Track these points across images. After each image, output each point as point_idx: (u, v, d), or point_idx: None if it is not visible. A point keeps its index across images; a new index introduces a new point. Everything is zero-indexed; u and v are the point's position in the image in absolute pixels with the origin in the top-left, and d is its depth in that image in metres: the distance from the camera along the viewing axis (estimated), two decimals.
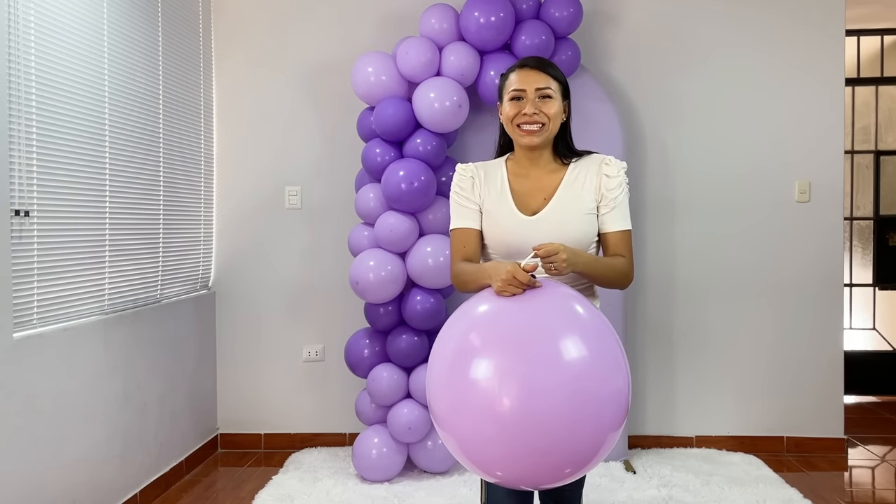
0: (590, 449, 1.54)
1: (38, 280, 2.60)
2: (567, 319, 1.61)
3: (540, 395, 1.50)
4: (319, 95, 4.08)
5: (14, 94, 2.46)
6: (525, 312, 1.62)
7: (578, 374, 1.53)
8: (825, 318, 4.00)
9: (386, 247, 3.49)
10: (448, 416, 1.62)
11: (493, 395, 1.52)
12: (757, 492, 3.36)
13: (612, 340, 1.64)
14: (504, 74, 2.07)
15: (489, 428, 1.53)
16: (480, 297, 1.74)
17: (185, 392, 3.74)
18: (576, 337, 1.57)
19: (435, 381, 1.68)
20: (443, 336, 1.72)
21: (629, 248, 1.96)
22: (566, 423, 1.50)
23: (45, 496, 2.62)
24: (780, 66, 3.98)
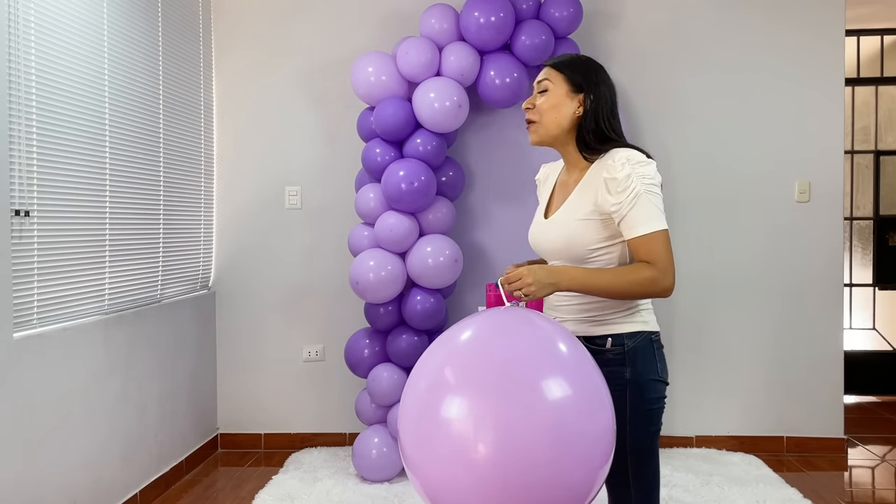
0: (582, 491, 1.43)
1: (38, 280, 2.59)
2: (547, 357, 1.48)
3: (520, 441, 1.35)
4: (319, 95, 4.08)
5: (14, 94, 2.46)
6: (503, 350, 1.48)
7: (561, 416, 1.39)
8: (825, 318, 4.00)
9: (386, 247, 3.49)
10: (417, 456, 1.47)
11: (467, 440, 1.37)
12: (757, 492, 3.36)
13: (594, 376, 1.52)
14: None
15: (462, 475, 1.37)
16: (461, 326, 1.59)
17: (185, 392, 3.75)
18: (557, 376, 1.44)
19: (405, 418, 1.52)
20: (418, 367, 1.57)
21: (655, 253, 1.69)
22: (552, 470, 1.36)
23: (45, 496, 2.62)
24: (780, 66, 3.98)
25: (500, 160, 3.85)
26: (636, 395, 1.78)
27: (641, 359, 1.78)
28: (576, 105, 1.87)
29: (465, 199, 3.86)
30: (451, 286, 3.68)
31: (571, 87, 1.87)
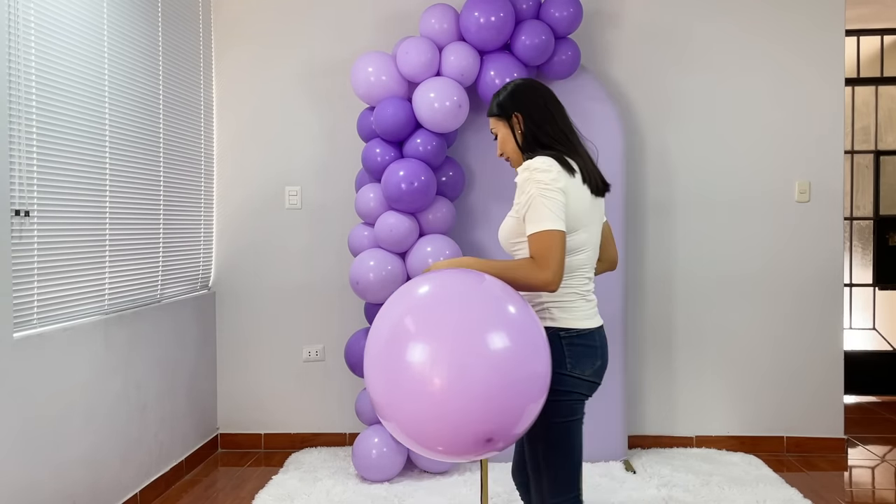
0: (516, 420, 1.73)
1: (38, 280, 2.60)
2: (495, 312, 1.78)
3: (469, 377, 1.67)
4: (319, 95, 4.08)
5: (14, 94, 2.46)
6: (457, 301, 1.79)
7: (502, 360, 1.70)
8: (825, 318, 4.00)
9: (386, 247, 3.49)
10: (387, 399, 1.76)
11: (427, 379, 1.68)
12: (757, 492, 3.36)
13: (533, 328, 1.79)
14: None
15: (425, 408, 1.68)
16: (419, 282, 1.87)
17: (185, 392, 3.75)
18: (501, 328, 1.73)
19: (373, 366, 1.79)
20: (380, 319, 1.83)
21: (537, 250, 1.85)
22: (494, 401, 1.68)
23: (45, 496, 2.62)
24: (781, 66, 3.98)
25: (499, 160, 3.83)
26: None
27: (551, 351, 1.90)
28: (516, 129, 2.08)
29: (465, 199, 3.87)
30: None
31: (506, 120, 2.09)
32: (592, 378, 2.00)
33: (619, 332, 3.82)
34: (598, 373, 2.02)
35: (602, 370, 2.03)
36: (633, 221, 4.02)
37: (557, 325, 1.96)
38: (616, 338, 3.83)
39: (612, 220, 3.81)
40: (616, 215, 3.82)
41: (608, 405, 3.82)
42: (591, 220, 2.00)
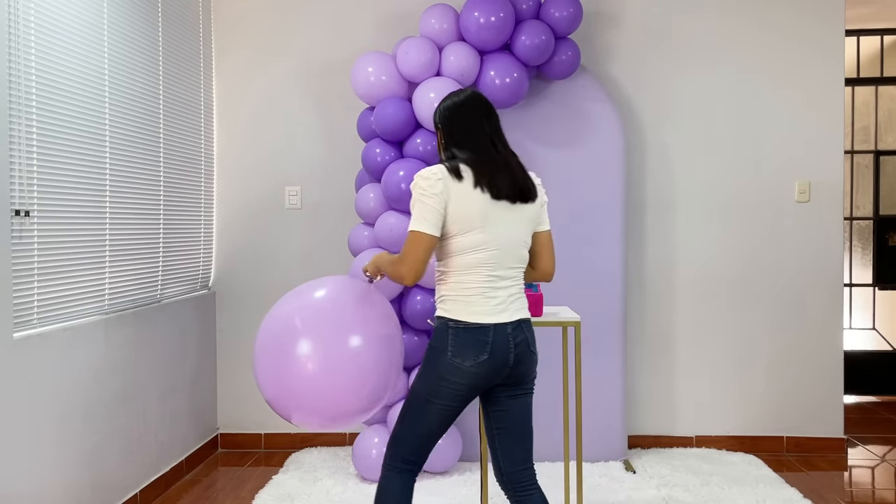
0: (362, 402, 2.32)
1: (38, 280, 2.59)
2: (356, 319, 2.33)
3: (331, 366, 2.26)
4: (319, 95, 4.08)
5: (14, 94, 2.46)
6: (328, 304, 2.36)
7: (356, 356, 2.27)
8: (825, 318, 4.00)
9: (386, 247, 3.49)
10: (264, 377, 2.31)
11: (305, 365, 2.24)
12: (757, 492, 3.36)
13: (384, 343, 2.35)
14: None
15: (300, 387, 2.26)
16: (314, 287, 2.42)
17: (185, 392, 3.75)
18: (357, 333, 2.30)
19: (260, 349, 2.32)
20: (274, 317, 2.34)
21: (402, 248, 2.14)
22: (348, 384, 2.28)
23: (45, 496, 2.62)
24: (780, 66, 3.98)
25: None
26: (423, 360, 2.21)
27: (435, 337, 2.18)
28: (439, 140, 2.31)
29: None
30: None
31: (436, 131, 2.34)
32: (475, 369, 2.13)
33: (619, 332, 3.82)
34: (484, 366, 2.13)
35: (492, 366, 2.14)
36: (633, 221, 4.02)
37: (448, 316, 2.16)
38: (616, 338, 3.83)
39: (612, 220, 3.81)
40: (616, 215, 3.82)
41: (608, 405, 3.82)
42: (488, 222, 2.12)
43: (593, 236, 3.83)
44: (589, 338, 3.78)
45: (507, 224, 2.15)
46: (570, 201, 3.84)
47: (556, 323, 2.83)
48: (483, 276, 2.14)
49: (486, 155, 2.17)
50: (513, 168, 2.18)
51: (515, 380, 2.24)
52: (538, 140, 3.85)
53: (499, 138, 2.23)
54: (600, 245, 3.82)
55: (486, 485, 2.89)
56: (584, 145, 3.84)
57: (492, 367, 2.15)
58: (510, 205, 2.15)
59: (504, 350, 2.15)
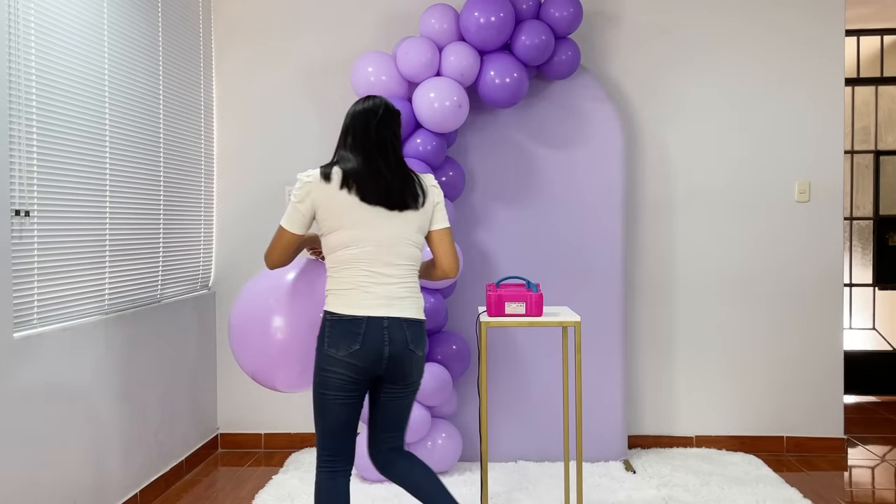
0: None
1: (38, 280, 2.60)
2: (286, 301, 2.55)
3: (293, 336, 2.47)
4: (319, 95, 4.08)
5: (14, 94, 2.46)
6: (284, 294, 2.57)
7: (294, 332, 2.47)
8: (825, 318, 4.00)
9: None
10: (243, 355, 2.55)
11: (277, 336, 2.47)
12: (757, 492, 3.36)
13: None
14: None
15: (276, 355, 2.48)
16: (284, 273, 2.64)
17: (185, 392, 3.75)
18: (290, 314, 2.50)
19: (248, 332, 2.52)
20: (250, 296, 2.60)
21: (273, 238, 2.41)
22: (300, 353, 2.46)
23: (45, 496, 2.62)
24: (780, 65, 3.98)
25: (500, 160, 3.86)
26: None
27: (319, 330, 2.32)
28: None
29: (465, 199, 3.87)
30: (451, 286, 3.68)
31: None
32: (349, 359, 2.25)
33: (619, 332, 3.83)
34: (357, 356, 2.25)
35: (365, 356, 2.25)
36: (633, 221, 4.02)
37: (327, 309, 2.30)
38: (616, 338, 3.83)
39: (612, 220, 3.82)
40: (615, 215, 3.82)
41: (608, 405, 3.82)
42: (360, 222, 2.25)
43: (593, 236, 3.83)
44: (589, 338, 3.79)
45: (386, 225, 2.28)
46: (570, 201, 3.84)
47: (556, 323, 2.83)
48: (360, 271, 2.27)
49: (365, 161, 2.29)
50: (388, 178, 2.28)
51: (397, 377, 2.34)
52: (538, 140, 3.85)
53: (386, 148, 2.31)
54: (600, 245, 3.83)
55: (486, 485, 2.89)
56: (584, 145, 3.84)
57: (365, 358, 2.25)
58: (388, 211, 2.28)
59: (377, 342, 2.25)
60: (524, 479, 3.56)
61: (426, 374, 3.50)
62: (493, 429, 3.82)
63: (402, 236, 2.30)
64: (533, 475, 3.61)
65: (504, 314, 2.87)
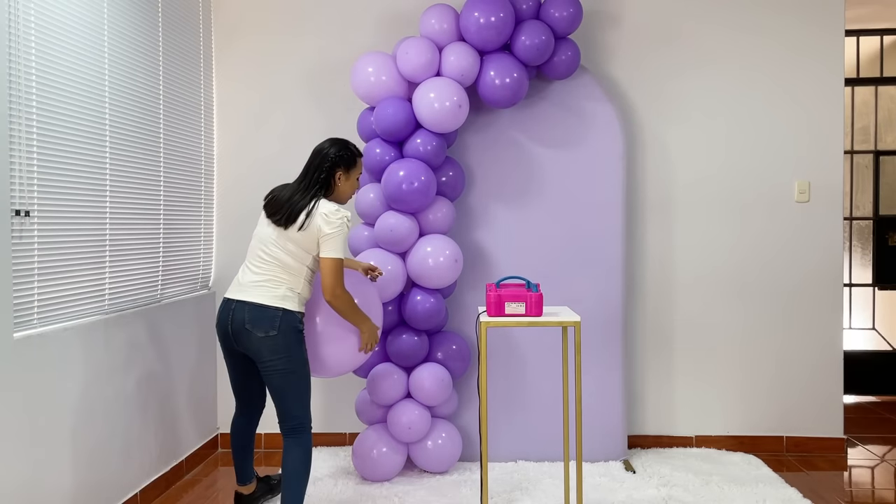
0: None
1: (39, 280, 2.60)
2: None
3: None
4: (319, 95, 4.08)
5: (14, 94, 2.46)
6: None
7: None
8: (825, 318, 4.01)
9: (386, 247, 3.49)
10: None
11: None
12: (756, 491, 3.36)
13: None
14: (358, 156, 2.98)
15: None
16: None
17: (186, 392, 3.75)
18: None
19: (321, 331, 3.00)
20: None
21: None
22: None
23: (45, 496, 2.62)
24: (780, 65, 3.99)
25: (500, 160, 3.86)
26: None
27: None
28: None
29: (465, 199, 3.87)
30: (451, 286, 3.68)
31: None
32: (216, 332, 2.93)
33: (619, 332, 3.83)
34: (217, 329, 2.90)
35: (219, 331, 2.88)
36: (633, 221, 4.02)
37: None
38: (616, 338, 3.83)
39: (613, 220, 3.82)
40: (616, 215, 3.83)
41: (608, 405, 3.82)
42: (258, 226, 2.90)
43: (593, 236, 3.83)
44: (589, 338, 3.79)
45: (266, 230, 2.85)
46: (571, 201, 3.84)
47: (556, 323, 2.83)
48: (245, 262, 2.91)
49: (287, 188, 2.89)
50: (283, 201, 2.82)
51: (252, 354, 2.81)
52: (538, 140, 3.85)
53: (301, 179, 2.87)
54: (600, 245, 3.83)
55: (486, 485, 2.89)
56: (584, 145, 3.84)
57: (219, 332, 2.89)
58: (272, 224, 2.82)
59: (223, 321, 2.85)
60: (524, 479, 3.56)
61: (426, 374, 3.50)
62: (493, 429, 3.82)
63: (274, 240, 2.81)
64: (533, 475, 3.61)
65: (504, 314, 2.87)
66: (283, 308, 2.77)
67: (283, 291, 2.78)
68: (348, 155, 2.92)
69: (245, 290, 2.81)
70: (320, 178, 2.86)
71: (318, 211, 2.77)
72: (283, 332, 2.76)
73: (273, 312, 2.75)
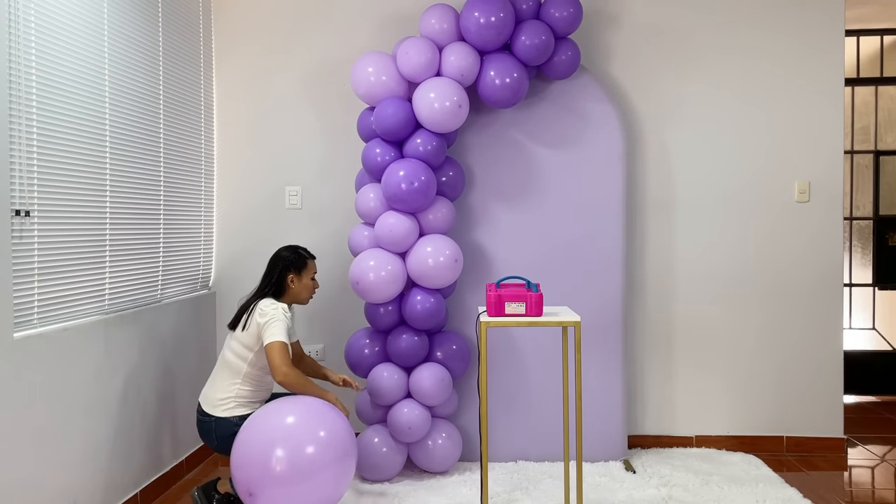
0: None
1: (39, 280, 2.60)
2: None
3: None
4: (319, 95, 4.08)
5: (14, 94, 2.46)
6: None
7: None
8: (825, 318, 4.01)
9: (386, 247, 3.49)
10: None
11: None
12: (756, 491, 3.36)
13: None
14: (308, 258, 3.22)
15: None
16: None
17: (186, 392, 3.75)
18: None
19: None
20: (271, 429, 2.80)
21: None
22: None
23: (45, 496, 2.62)
24: (780, 66, 3.99)
25: (500, 160, 3.86)
26: None
27: None
28: None
29: (465, 199, 3.87)
30: (451, 286, 3.68)
31: None
32: None
33: (619, 333, 3.83)
34: None
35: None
36: (633, 221, 4.02)
37: None
38: (616, 338, 3.83)
39: (613, 220, 3.82)
40: (615, 215, 3.83)
41: (608, 405, 3.82)
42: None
43: (593, 236, 3.83)
44: (589, 338, 3.79)
45: (226, 338, 3.10)
46: (571, 201, 3.84)
47: (556, 323, 2.83)
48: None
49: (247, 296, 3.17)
50: (238, 309, 3.09)
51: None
52: (538, 140, 3.85)
53: (260, 286, 3.13)
54: (600, 245, 3.83)
55: (486, 485, 2.89)
56: (584, 145, 3.84)
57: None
58: (229, 329, 3.10)
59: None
60: (524, 479, 3.56)
61: (426, 374, 3.50)
62: (493, 429, 3.82)
63: (226, 344, 3.06)
64: (533, 475, 3.61)
65: (504, 314, 2.87)
66: (215, 416, 2.99)
67: (226, 396, 3.00)
68: (297, 258, 3.16)
69: (203, 393, 3.09)
70: (272, 283, 3.12)
71: (255, 309, 3.01)
72: (220, 439, 2.99)
73: (210, 418, 3.00)
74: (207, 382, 3.10)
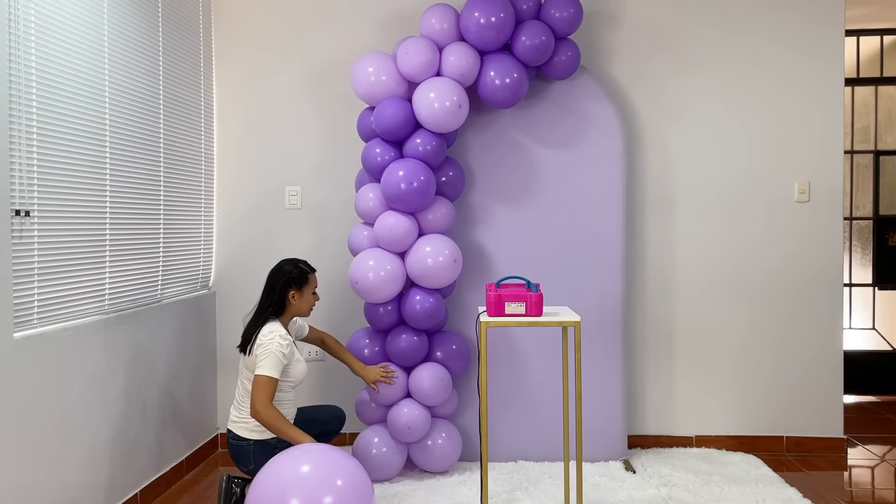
0: None
1: (39, 280, 2.60)
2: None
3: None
4: (319, 95, 4.08)
5: (14, 94, 2.46)
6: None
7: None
8: (825, 318, 4.00)
9: (385, 247, 3.49)
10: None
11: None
12: (756, 491, 3.36)
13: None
14: (309, 272, 3.20)
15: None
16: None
17: (186, 392, 3.75)
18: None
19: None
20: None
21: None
22: None
23: (45, 496, 2.62)
24: (780, 65, 3.99)
25: (500, 160, 3.86)
26: None
27: None
28: None
29: (465, 199, 3.87)
30: (450, 286, 3.68)
31: None
32: None
33: (619, 332, 3.83)
34: None
35: None
36: (633, 221, 4.02)
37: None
38: (616, 338, 3.83)
39: (613, 220, 3.82)
40: (615, 215, 3.83)
41: (608, 405, 3.82)
42: None
43: (593, 236, 3.83)
44: (589, 338, 3.79)
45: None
46: (570, 201, 3.84)
47: (556, 323, 2.83)
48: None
49: (250, 313, 3.14)
50: (245, 330, 3.07)
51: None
52: (538, 140, 3.85)
53: (262, 303, 3.09)
54: (600, 245, 3.83)
55: (485, 485, 2.89)
56: (584, 145, 3.84)
57: None
58: (240, 352, 3.07)
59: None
60: (524, 478, 3.56)
61: (426, 374, 3.50)
62: (493, 429, 3.82)
63: (240, 369, 3.07)
64: (533, 475, 3.61)
65: (504, 314, 2.87)
66: (253, 440, 2.98)
67: (246, 418, 2.99)
68: (299, 273, 3.14)
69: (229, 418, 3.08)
70: (274, 300, 3.09)
71: (257, 338, 2.99)
72: (259, 462, 2.88)
73: (241, 442, 3.00)
74: (232, 408, 3.08)
